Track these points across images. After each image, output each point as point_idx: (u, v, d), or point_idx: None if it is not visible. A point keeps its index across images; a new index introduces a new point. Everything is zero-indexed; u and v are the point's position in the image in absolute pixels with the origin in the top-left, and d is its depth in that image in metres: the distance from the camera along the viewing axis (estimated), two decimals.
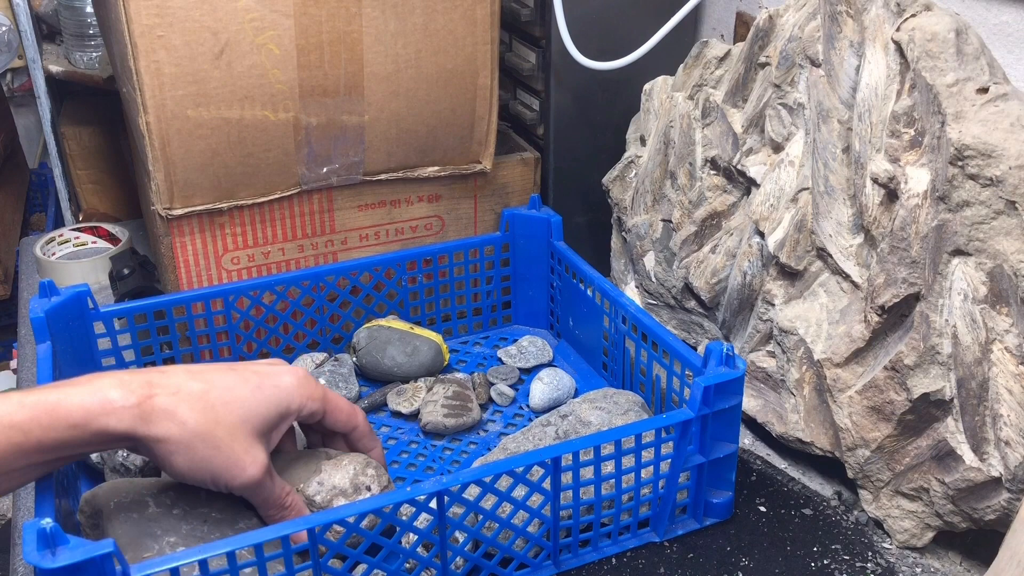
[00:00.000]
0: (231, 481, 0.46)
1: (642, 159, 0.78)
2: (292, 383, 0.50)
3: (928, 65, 0.53)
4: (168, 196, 0.68)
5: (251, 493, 0.48)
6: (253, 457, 0.47)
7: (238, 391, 0.47)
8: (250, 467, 0.46)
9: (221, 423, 0.46)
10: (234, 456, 0.46)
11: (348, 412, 0.53)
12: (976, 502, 0.54)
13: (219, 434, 0.46)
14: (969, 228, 0.51)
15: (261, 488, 0.47)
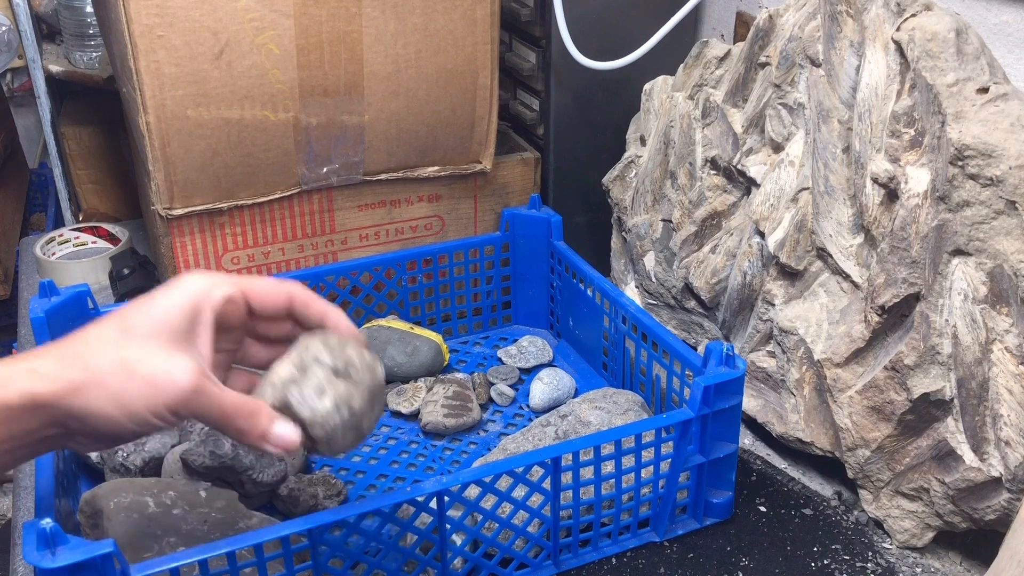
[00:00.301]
0: (168, 400, 0.39)
1: (642, 159, 0.78)
2: (194, 276, 0.43)
3: (928, 65, 0.53)
4: (168, 196, 0.68)
5: (199, 408, 0.40)
6: (177, 365, 0.39)
7: (134, 309, 0.41)
8: (179, 376, 0.39)
9: (127, 346, 0.39)
10: (155, 373, 0.39)
11: (273, 285, 0.45)
12: (976, 502, 0.54)
13: (128, 357, 0.39)
14: (969, 228, 0.51)
15: (205, 396, 0.40)
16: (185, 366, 0.39)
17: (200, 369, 0.40)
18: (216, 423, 0.41)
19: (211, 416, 0.40)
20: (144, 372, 0.38)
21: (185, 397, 0.39)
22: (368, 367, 0.44)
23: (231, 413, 0.40)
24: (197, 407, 0.40)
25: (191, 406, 0.39)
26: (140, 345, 0.39)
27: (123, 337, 0.40)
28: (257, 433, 0.41)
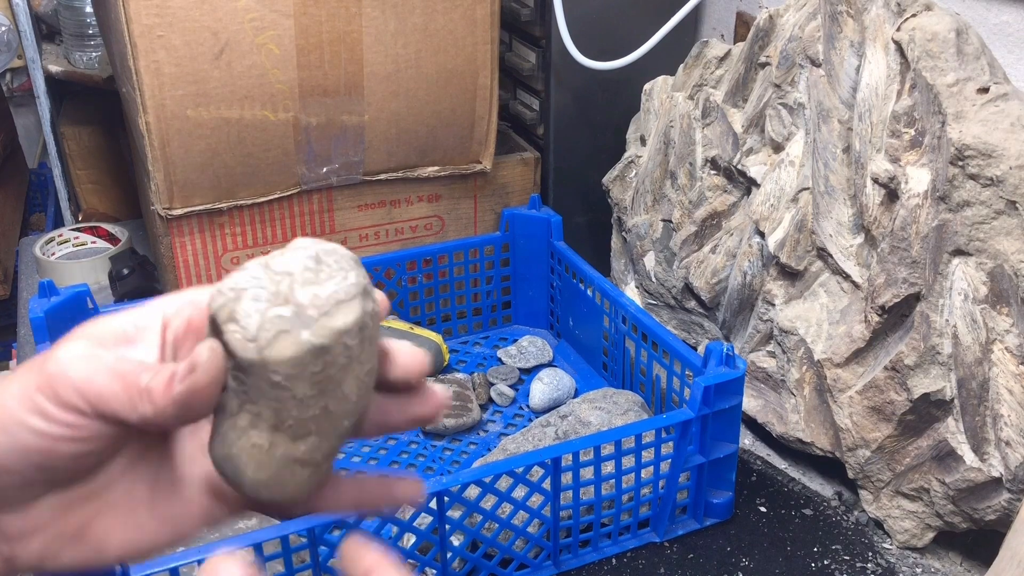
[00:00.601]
0: (38, 381, 0.27)
1: (642, 159, 0.77)
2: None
3: (928, 65, 0.53)
4: (168, 196, 0.68)
5: (85, 380, 0.27)
6: (60, 346, 0.27)
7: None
8: (55, 351, 0.27)
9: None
10: (29, 364, 0.28)
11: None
12: (976, 502, 0.53)
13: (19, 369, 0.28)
14: (969, 228, 0.51)
15: (83, 360, 0.27)
16: (79, 341, 0.27)
17: (98, 342, 0.28)
18: (114, 396, 0.26)
19: (104, 384, 0.26)
20: (25, 366, 0.27)
21: (60, 363, 0.26)
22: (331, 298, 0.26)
23: (128, 370, 0.27)
24: (80, 373, 0.26)
25: (71, 374, 0.26)
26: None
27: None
28: (161, 378, 0.26)
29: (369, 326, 0.26)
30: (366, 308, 0.26)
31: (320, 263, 0.26)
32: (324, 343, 0.25)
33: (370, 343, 0.27)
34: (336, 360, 0.25)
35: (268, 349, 0.25)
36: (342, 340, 0.25)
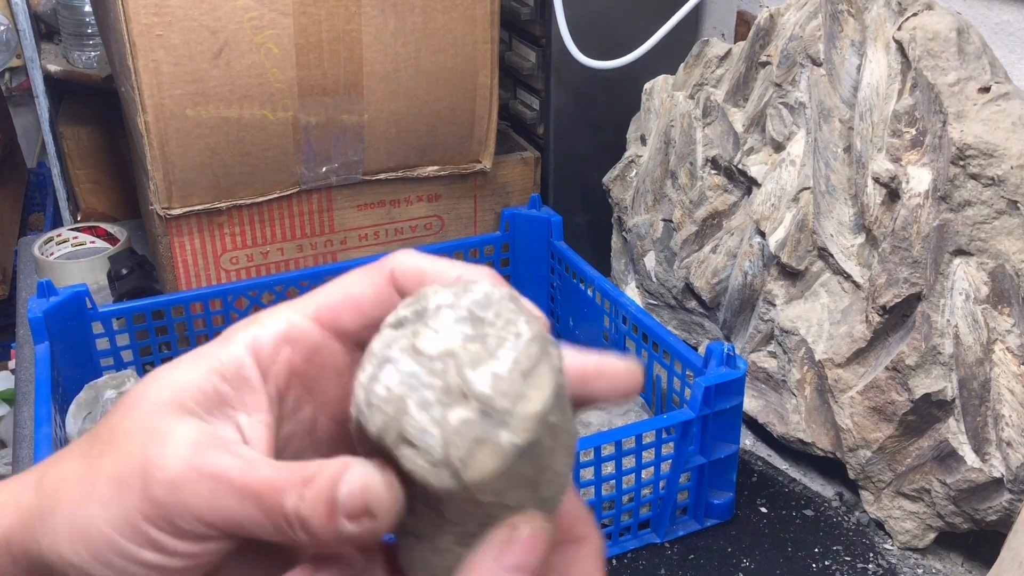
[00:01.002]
0: (140, 503, 0.21)
1: (643, 158, 0.77)
2: (246, 323, 0.24)
3: (929, 64, 0.53)
4: (167, 196, 0.68)
5: (206, 500, 0.21)
6: (160, 437, 0.22)
7: (153, 377, 0.24)
8: (161, 453, 0.21)
9: (107, 438, 0.23)
10: (123, 465, 0.22)
11: (366, 276, 0.25)
12: (978, 503, 0.53)
13: (97, 453, 0.22)
14: (971, 228, 0.51)
15: (211, 478, 0.21)
16: (179, 435, 0.22)
17: (206, 435, 0.22)
18: (252, 523, 0.21)
19: (235, 510, 0.21)
20: (107, 469, 0.21)
21: (169, 485, 0.21)
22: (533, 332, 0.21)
23: (265, 489, 0.21)
24: (200, 499, 0.21)
25: (189, 502, 0.21)
26: (125, 433, 0.22)
27: (115, 423, 0.23)
28: (319, 509, 0.20)
29: (564, 384, 0.21)
30: (555, 364, 0.20)
31: (479, 323, 0.20)
32: (531, 437, 0.19)
33: (565, 396, 0.21)
34: (544, 445, 0.20)
35: (467, 471, 0.19)
36: (547, 421, 0.20)
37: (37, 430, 0.53)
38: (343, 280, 0.25)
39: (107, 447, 0.22)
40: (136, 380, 0.63)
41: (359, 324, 0.24)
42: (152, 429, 0.22)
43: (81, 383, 0.63)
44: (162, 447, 0.21)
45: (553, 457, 0.20)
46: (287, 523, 0.20)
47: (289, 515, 0.20)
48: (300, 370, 0.24)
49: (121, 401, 0.23)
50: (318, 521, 0.20)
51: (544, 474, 0.20)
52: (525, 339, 0.20)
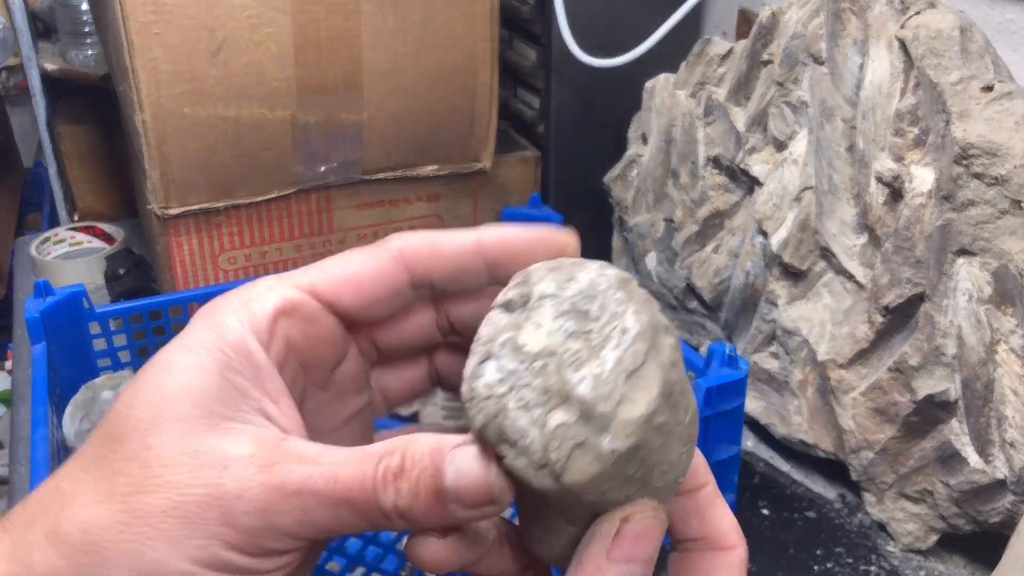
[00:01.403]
0: (219, 531, 0.20)
1: (644, 158, 0.77)
2: (223, 300, 0.22)
3: (932, 63, 0.52)
4: (164, 195, 0.67)
5: (296, 513, 0.20)
6: (219, 457, 0.20)
7: (133, 397, 0.21)
8: (230, 472, 0.20)
9: (125, 475, 0.20)
10: (189, 497, 0.20)
11: (385, 256, 0.23)
12: (980, 504, 0.53)
13: (129, 489, 0.20)
14: (974, 227, 0.51)
15: (296, 486, 0.20)
16: (237, 455, 0.20)
17: (264, 448, 0.20)
18: (346, 525, 0.20)
19: (327, 518, 0.20)
20: (161, 505, 0.20)
21: (256, 513, 0.20)
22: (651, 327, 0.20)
23: (355, 492, 0.20)
24: (291, 517, 0.20)
25: (278, 523, 0.20)
26: (161, 463, 0.20)
27: (116, 455, 0.20)
28: (421, 499, 0.20)
29: (677, 379, 0.19)
30: (665, 359, 0.19)
31: (584, 318, 0.19)
32: (634, 442, 0.19)
33: (684, 389, 0.20)
34: (653, 445, 0.19)
35: (566, 475, 0.19)
36: (653, 424, 0.19)
37: (34, 431, 0.52)
38: (341, 257, 0.23)
39: (143, 480, 0.20)
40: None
41: (359, 303, 0.23)
42: (198, 453, 0.20)
43: (78, 384, 0.63)
44: (228, 475, 0.20)
45: (664, 452, 0.20)
46: (385, 518, 0.20)
47: (387, 510, 0.20)
48: (297, 344, 0.22)
49: (127, 422, 0.21)
50: (422, 509, 0.20)
51: (654, 469, 0.20)
52: (631, 335, 0.19)
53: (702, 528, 0.23)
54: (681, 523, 0.23)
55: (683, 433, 0.20)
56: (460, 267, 0.23)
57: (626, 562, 0.20)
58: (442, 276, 0.23)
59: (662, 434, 0.19)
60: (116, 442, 0.20)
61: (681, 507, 0.23)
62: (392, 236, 0.23)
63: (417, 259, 0.23)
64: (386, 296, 0.23)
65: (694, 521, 0.23)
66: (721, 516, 0.23)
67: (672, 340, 0.20)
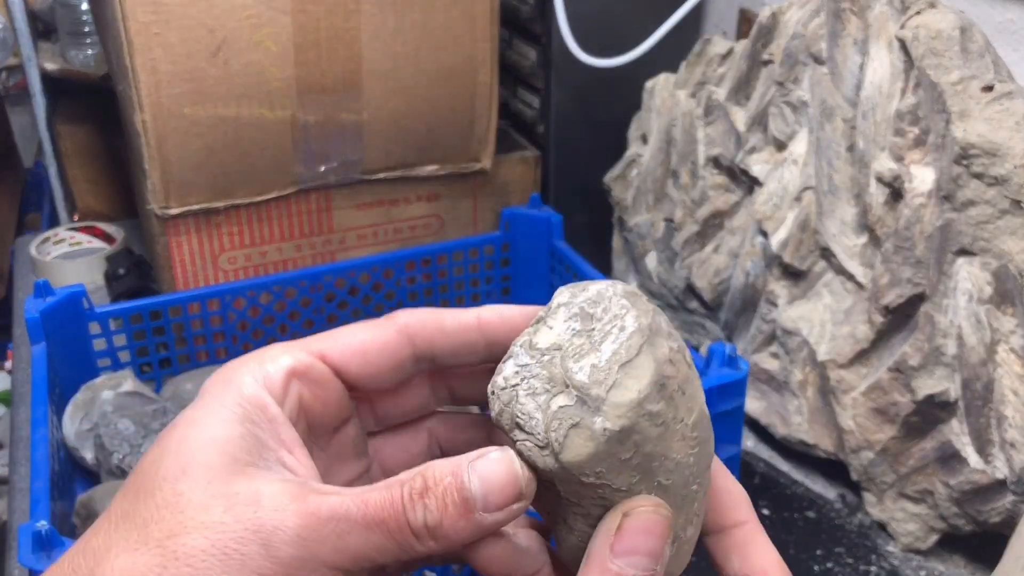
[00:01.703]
0: (268, 568, 0.20)
1: (644, 158, 0.77)
2: (238, 365, 0.24)
3: (932, 63, 0.52)
4: (164, 195, 0.67)
5: (335, 542, 0.21)
6: (252, 499, 0.21)
7: (157, 461, 0.22)
8: (269, 511, 0.21)
9: (163, 534, 0.21)
10: (229, 538, 0.20)
11: (388, 329, 0.25)
12: (981, 504, 0.53)
13: (168, 552, 0.20)
14: (974, 227, 0.51)
15: (332, 517, 0.21)
16: (269, 492, 0.21)
17: (293, 485, 0.21)
18: (378, 550, 0.21)
19: (360, 543, 0.21)
20: (199, 546, 0.20)
21: (296, 541, 0.20)
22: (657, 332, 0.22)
23: (386, 513, 0.21)
24: (327, 544, 0.20)
25: (316, 551, 0.20)
26: (194, 506, 0.21)
27: (149, 521, 0.21)
28: (450, 511, 0.21)
29: (673, 375, 0.21)
30: (660, 355, 0.21)
31: (589, 319, 0.22)
32: (625, 424, 0.20)
33: (684, 389, 0.22)
34: (648, 433, 0.21)
35: (564, 453, 0.21)
36: (644, 409, 0.21)
37: (34, 431, 0.52)
38: (351, 328, 0.25)
39: (177, 525, 0.20)
40: (134, 380, 0.63)
41: (364, 371, 0.24)
42: (230, 494, 0.20)
43: (78, 384, 0.63)
44: (264, 508, 0.20)
45: (664, 444, 0.21)
46: (415, 537, 0.21)
47: (417, 528, 0.21)
48: (307, 405, 0.24)
49: (155, 474, 0.21)
50: (451, 523, 0.20)
51: (655, 461, 0.21)
52: (628, 331, 0.21)
53: (743, 566, 0.24)
54: (723, 560, 0.24)
55: (687, 433, 0.22)
56: (462, 343, 0.25)
57: (628, 556, 0.21)
58: (443, 351, 0.25)
59: (657, 424, 0.21)
60: (146, 494, 0.21)
61: (722, 545, 0.24)
62: (399, 312, 0.25)
63: (422, 335, 0.25)
64: (390, 367, 0.25)
65: (735, 559, 0.24)
66: (763, 554, 0.24)
67: (673, 344, 0.22)
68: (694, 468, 0.22)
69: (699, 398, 0.23)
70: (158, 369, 0.69)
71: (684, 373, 0.22)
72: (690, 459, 0.22)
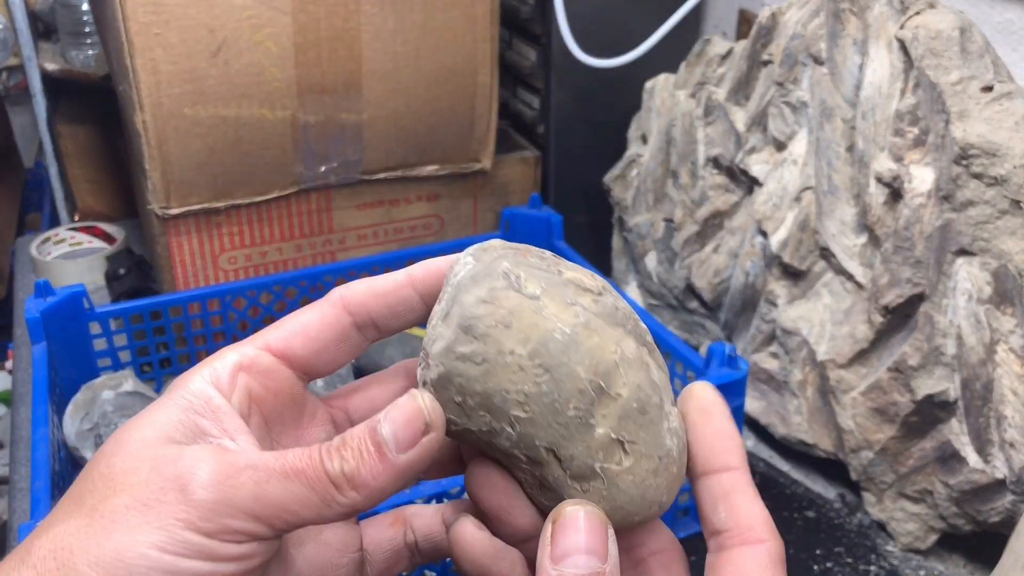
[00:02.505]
0: (192, 492, 0.21)
1: (644, 158, 0.77)
2: (194, 370, 0.24)
3: (932, 63, 0.52)
4: (164, 195, 0.67)
5: (253, 491, 0.21)
6: (177, 456, 0.22)
7: (114, 442, 0.23)
8: (188, 466, 0.21)
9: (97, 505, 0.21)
10: (149, 494, 0.21)
11: (329, 309, 0.26)
12: (980, 504, 0.53)
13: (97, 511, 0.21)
14: (974, 227, 0.51)
15: (252, 469, 0.22)
16: (193, 450, 0.22)
17: (218, 447, 0.22)
18: (299, 502, 0.21)
19: (280, 493, 0.21)
20: (123, 503, 0.21)
21: (212, 486, 0.21)
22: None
23: (305, 463, 0.21)
24: (245, 491, 0.21)
25: (234, 497, 0.21)
26: (124, 472, 0.22)
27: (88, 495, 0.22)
28: (367, 456, 0.21)
29: (488, 312, 0.22)
30: (469, 299, 0.23)
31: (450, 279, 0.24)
32: (441, 371, 0.23)
33: (507, 323, 0.22)
34: (468, 373, 0.22)
35: (433, 344, 0.23)
36: (455, 352, 0.22)
37: (34, 431, 0.52)
38: (293, 314, 0.26)
39: (107, 491, 0.21)
40: (134, 380, 0.63)
41: (309, 349, 0.25)
42: (157, 457, 0.21)
43: (78, 384, 0.63)
44: (184, 460, 0.21)
45: (494, 380, 0.22)
46: (335, 487, 0.21)
47: (335, 476, 0.21)
48: (258, 396, 0.25)
49: (97, 457, 0.22)
50: (367, 468, 0.21)
51: (495, 398, 0.22)
52: (451, 286, 0.24)
53: (729, 518, 0.23)
54: (710, 510, 0.24)
55: (524, 363, 0.22)
56: (397, 302, 0.26)
57: (565, 558, 0.21)
58: (380, 314, 0.26)
59: (476, 363, 0.22)
60: (85, 474, 0.22)
61: (709, 491, 0.24)
62: (335, 288, 0.26)
63: (355, 302, 0.25)
64: (334, 340, 0.25)
65: (721, 509, 0.23)
66: (749, 506, 0.23)
67: (497, 283, 0.23)
68: (562, 393, 0.22)
69: (541, 325, 0.22)
70: (158, 369, 0.69)
71: (509, 306, 0.22)
72: (543, 386, 0.22)
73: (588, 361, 0.22)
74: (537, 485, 0.23)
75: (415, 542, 0.28)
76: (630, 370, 0.23)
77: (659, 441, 0.23)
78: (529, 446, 0.22)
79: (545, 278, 0.23)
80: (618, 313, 0.24)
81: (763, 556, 0.23)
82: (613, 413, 0.23)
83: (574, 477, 0.23)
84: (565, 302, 0.23)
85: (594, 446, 0.22)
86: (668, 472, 0.23)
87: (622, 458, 0.23)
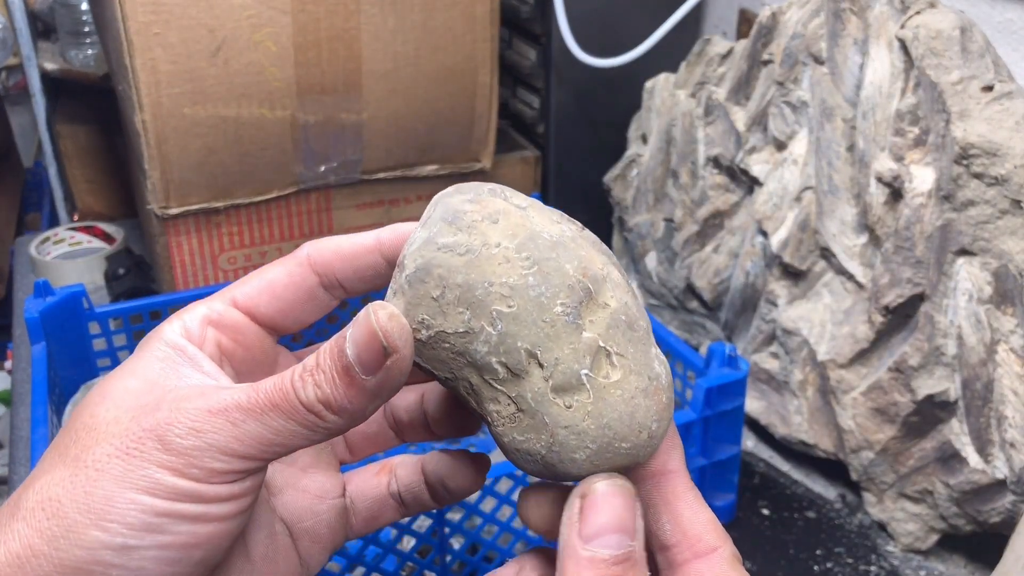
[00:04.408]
0: (172, 440, 0.21)
1: (644, 158, 0.77)
2: (163, 325, 0.25)
3: (932, 63, 0.52)
4: (164, 195, 0.67)
5: (248, 424, 0.21)
6: (154, 404, 0.22)
7: (91, 400, 0.23)
8: (183, 399, 0.22)
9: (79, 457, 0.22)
10: (140, 428, 0.21)
11: (296, 267, 0.26)
12: (980, 504, 0.53)
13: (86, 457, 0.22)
14: (974, 227, 0.51)
15: (246, 405, 0.22)
16: (170, 398, 0.22)
17: (192, 389, 0.22)
18: (283, 432, 0.21)
19: (260, 429, 0.21)
20: (105, 452, 0.21)
21: (191, 433, 0.21)
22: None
23: (278, 397, 0.21)
24: (225, 433, 0.21)
25: (215, 440, 0.21)
26: (104, 424, 0.22)
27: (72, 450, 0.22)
28: (339, 383, 0.21)
29: (473, 209, 0.22)
30: (453, 202, 0.22)
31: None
32: (420, 262, 0.22)
33: (495, 219, 0.22)
34: (450, 263, 0.21)
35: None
36: (437, 244, 0.21)
37: (34, 431, 0.52)
38: (260, 270, 0.26)
39: (90, 440, 0.21)
40: None
41: (275, 307, 0.26)
42: (139, 407, 0.22)
43: (78, 383, 0.63)
44: (162, 410, 0.21)
45: (479, 270, 0.21)
46: (314, 414, 0.21)
47: (310, 404, 0.21)
48: (228, 350, 0.25)
49: (80, 408, 0.23)
50: (339, 393, 0.21)
51: (477, 290, 0.21)
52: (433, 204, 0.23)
53: (675, 530, 0.22)
54: (654, 524, 0.23)
55: (510, 255, 0.21)
56: (363, 264, 0.25)
57: (598, 537, 0.20)
58: (346, 275, 0.25)
59: (459, 253, 0.21)
60: (68, 426, 0.23)
61: (647, 499, 0.23)
62: (304, 245, 0.26)
63: (321, 262, 0.25)
64: (300, 299, 0.26)
65: (665, 520, 0.23)
66: (694, 514, 0.23)
67: (482, 191, 0.23)
68: (550, 286, 0.21)
69: (529, 226, 0.21)
70: None
71: (496, 207, 0.22)
72: (529, 279, 0.21)
73: (577, 263, 0.21)
74: (512, 415, 0.21)
75: (398, 492, 0.28)
76: (617, 289, 0.22)
77: (648, 362, 0.22)
78: (510, 349, 0.20)
79: (531, 202, 0.23)
80: (602, 247, 0.23)
81: (718, 564, 0.22)
82: (601, 320, 0.21)
83: (557, 390, 0.20)
84: (552, 220, 0.22)
85: (581, 350, 0.21)
86: (659, 398, 0.21)
87: (609, 371, 0.21)
